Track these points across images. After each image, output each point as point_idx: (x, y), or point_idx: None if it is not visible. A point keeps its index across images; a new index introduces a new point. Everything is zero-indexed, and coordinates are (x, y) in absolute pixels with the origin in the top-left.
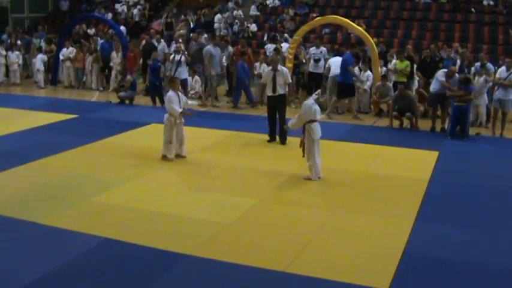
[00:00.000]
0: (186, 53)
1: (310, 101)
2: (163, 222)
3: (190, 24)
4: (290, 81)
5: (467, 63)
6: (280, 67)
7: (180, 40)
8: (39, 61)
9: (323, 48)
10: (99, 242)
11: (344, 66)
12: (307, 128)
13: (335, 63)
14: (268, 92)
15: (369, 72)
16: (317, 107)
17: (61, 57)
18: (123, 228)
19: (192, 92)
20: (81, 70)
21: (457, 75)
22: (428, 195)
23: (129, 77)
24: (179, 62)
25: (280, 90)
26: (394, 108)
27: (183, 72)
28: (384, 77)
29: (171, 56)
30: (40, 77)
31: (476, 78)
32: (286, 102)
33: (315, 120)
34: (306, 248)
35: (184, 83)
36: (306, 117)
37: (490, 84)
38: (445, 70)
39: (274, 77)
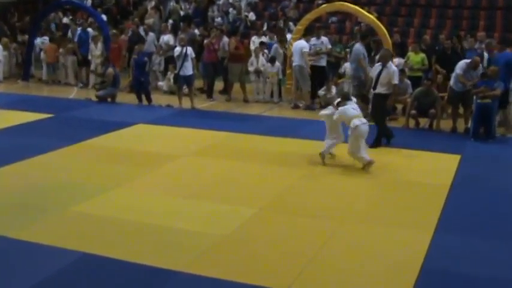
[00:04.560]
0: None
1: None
2: (152, 234)
3: (162, 12)
4: (396, 82)
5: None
6: (389, 64)
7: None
8: None
9: (324, 39)
10: (78, 258)
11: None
12: None
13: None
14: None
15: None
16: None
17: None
18: (105, 242)
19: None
20: (53, 65)
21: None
22: (450, 204)
23: (110, 70)
24: (185, 56)
25: (381, 89)
26: (412, 106)
27: (189, 68)
28: (402, 72)
29: (176, 49)
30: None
31: None
32: (385, 104)
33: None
34: (311, 264)
35: (190, 79)
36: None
37: None
38: (467, 61)
39: (380, 73)
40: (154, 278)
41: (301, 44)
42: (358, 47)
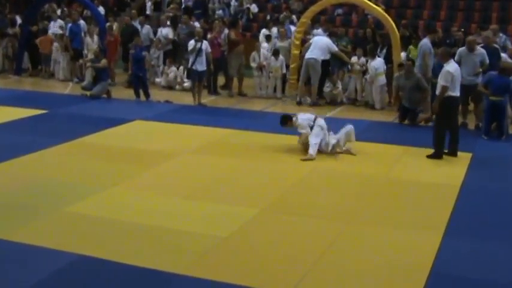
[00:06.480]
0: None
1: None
2: (150, 236)
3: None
4: (441, 83)
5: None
6: (447, 62)
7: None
8: None
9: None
10: (73, 260)
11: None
12: None
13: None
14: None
15: (377, 60)
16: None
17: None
18: (101, 243)
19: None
20: (47, 56)
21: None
22: (460, 205)
23: (104, 61)
24: (199, 50)
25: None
26: (396, 91)
27: (202, 63)
28: (402, 66)
29: (190, 43)
30: None
31: None
32: (449, 106)
33: None
34: (315, 266)
35: (202, 75)
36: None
37: None
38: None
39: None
40: (153, 281)
41: (326, 40)
42: (426, 41)
